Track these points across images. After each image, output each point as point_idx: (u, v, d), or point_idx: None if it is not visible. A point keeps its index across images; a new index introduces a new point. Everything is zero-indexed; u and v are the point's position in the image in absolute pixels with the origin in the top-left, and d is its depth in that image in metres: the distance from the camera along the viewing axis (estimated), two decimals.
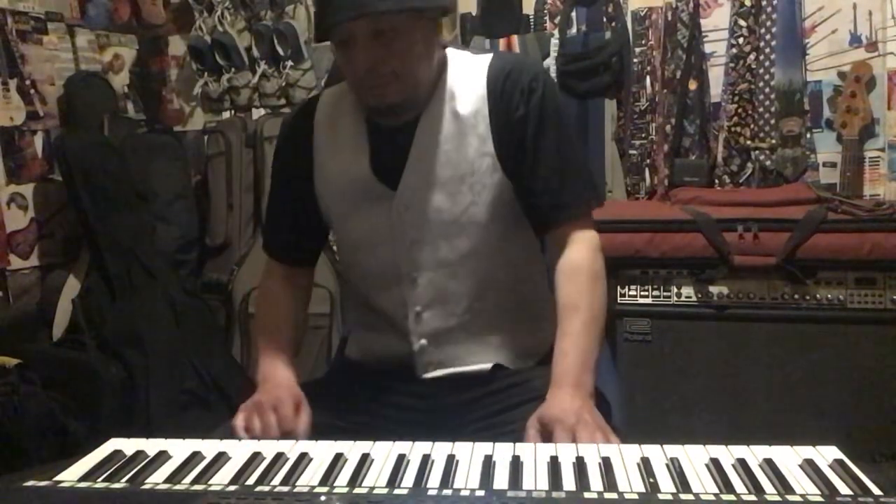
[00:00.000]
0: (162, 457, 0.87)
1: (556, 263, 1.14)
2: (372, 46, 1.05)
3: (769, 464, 0.80)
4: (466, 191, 1.13)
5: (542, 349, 1.22)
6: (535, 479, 0.78)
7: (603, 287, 1.13)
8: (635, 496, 0.74)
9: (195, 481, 0.80)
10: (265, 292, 1.30)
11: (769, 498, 0.73)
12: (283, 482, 0.79)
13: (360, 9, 1.02)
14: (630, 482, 0.77)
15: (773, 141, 2.27)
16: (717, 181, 2.36)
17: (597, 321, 1.10)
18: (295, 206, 1.25)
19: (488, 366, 1.18)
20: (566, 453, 0.84)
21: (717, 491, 0.74)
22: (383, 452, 0.86)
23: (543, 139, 1.13)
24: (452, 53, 1.17)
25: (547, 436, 0.96)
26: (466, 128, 1.12)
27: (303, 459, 0.84)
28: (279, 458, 0.85)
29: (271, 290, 1.28)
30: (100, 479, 0.81)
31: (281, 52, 2.77)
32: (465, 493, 0.75)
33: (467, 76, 1.14)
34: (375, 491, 0.76)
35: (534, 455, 0.84)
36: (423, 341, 1.18)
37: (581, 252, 1.13)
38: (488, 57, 1.16)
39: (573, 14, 2.47)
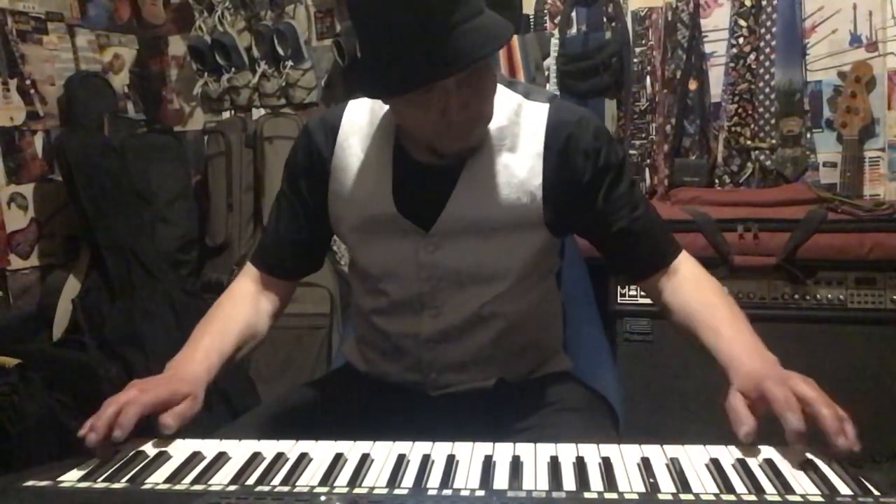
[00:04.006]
0: (162, 457, 0.87)
1: (669, 294, 1.12)
2: (462, 93, 0.96)
3: (769, 464, 0.80)
4: (504, 242, 1.09)
5: (546, 368, 1.23)
6: (535, 479, 0.78)
7: (721, 287, 1.11)
8: (635, 496, 0.73)
9: (195, 481, 0.80)
10: (230, 291, 1.21)
11: (769, 498, 0.73)
12: (283, 482, 0.79)
13: (463, 59, 0.90)
14: (630, 482, 0.77)
15: (773, 141, 2.27)
16: (717, 181, 2.35)
17: (737, 310, 1.06)
18: (301, 222, 1.19)
19: (491, 382, 1.16)
20: (566, 453, 0.84)
21: (717, 491, 0.74)
22: (383, 452, 0.85)
23: (618, 191, 1.10)
24: (505, 92, 1.09)
25: (758, 404, 0.86)
26: (518, 184, 1.07)
27: (303, 459, 0.84)
28: (279, 458, 0.85)
29: (235, 291, 1.20)
30: (100, 479, 0.81)
31: (281, 52, 2.78)
32: (465, 493, 0.75)
33: (522, 128, 1.08)
34: (375, 491, 0.76)
35: (534, 455, 0.84)
36: (433, 372, 1.16)
37: (692, 270, 1.14)
38: (544, 109, 1.09)
39: (573, 14, 2.47)
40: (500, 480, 0.78)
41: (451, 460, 0.82)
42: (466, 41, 0.90)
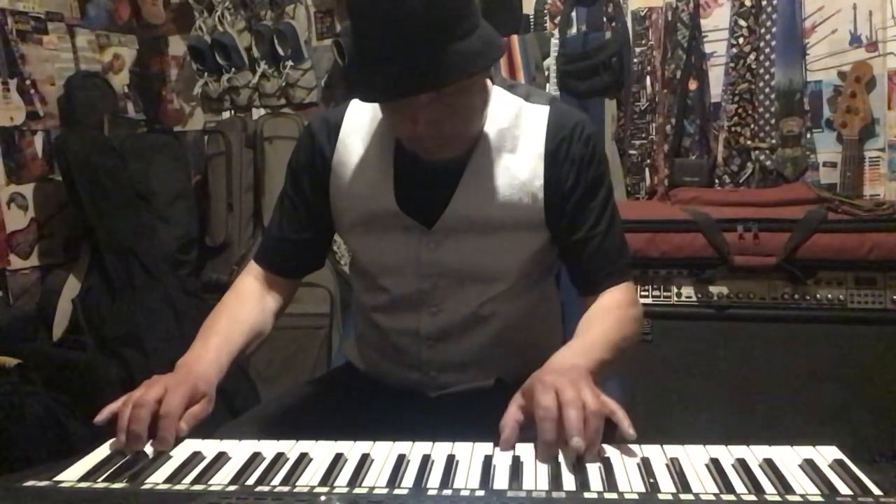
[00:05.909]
0: (162, 457, 0.87)
1: (585, 313, 1.12)
2: (432, 108, 0.96)
3: (769, 464, 0.80)
4: (505, 241, 1.09)
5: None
6: (536, 479, 0.78)
7: (627, 321, 1.08)
8: (635, 496, 0.73)
9: (195, 481, 0.80)
10: (236, 289, 1.21)
11: (769, 498, 0.73)
12: (283, 482, 0.79)
13: (425, 83, 0.92)
14: (630, 482, 0.77)
15: (773, 141, 2.27)
16: (717, 181, 2.36)
17: (613, 335, 1.04)
18: (303, 221, 1.20)
19: (491, 382, 1.17)
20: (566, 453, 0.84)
21: (717, 491, 0.74)
22: (383, 452, 0.85)
23: (589, 203, 1.11)
24: (505, 95, 1.11)
25: (528, 408, 0.87)
26: (520, 185, 1.08)
27: (303, 459, 0.84)
28: (279, 458, 0.85)
29: (240, 289, 1.21)
30: (100, 479, 0.81)
31: (281, 52, 2.78)
32: (465, 493, 0.75)
33: (523, 130, 1.09)
34: (375, 491, 0.76)
35: (534, 455, 0.84)
36: (432, 371, 1.16)
37: (613, 298, 1.12)
38: (545, 111, 1.10)
39: (573, 14, 2.47)
40: (500, 480, 0.78)
41: (451, 460, 0.82)
42: (443, 62, 0.91)
